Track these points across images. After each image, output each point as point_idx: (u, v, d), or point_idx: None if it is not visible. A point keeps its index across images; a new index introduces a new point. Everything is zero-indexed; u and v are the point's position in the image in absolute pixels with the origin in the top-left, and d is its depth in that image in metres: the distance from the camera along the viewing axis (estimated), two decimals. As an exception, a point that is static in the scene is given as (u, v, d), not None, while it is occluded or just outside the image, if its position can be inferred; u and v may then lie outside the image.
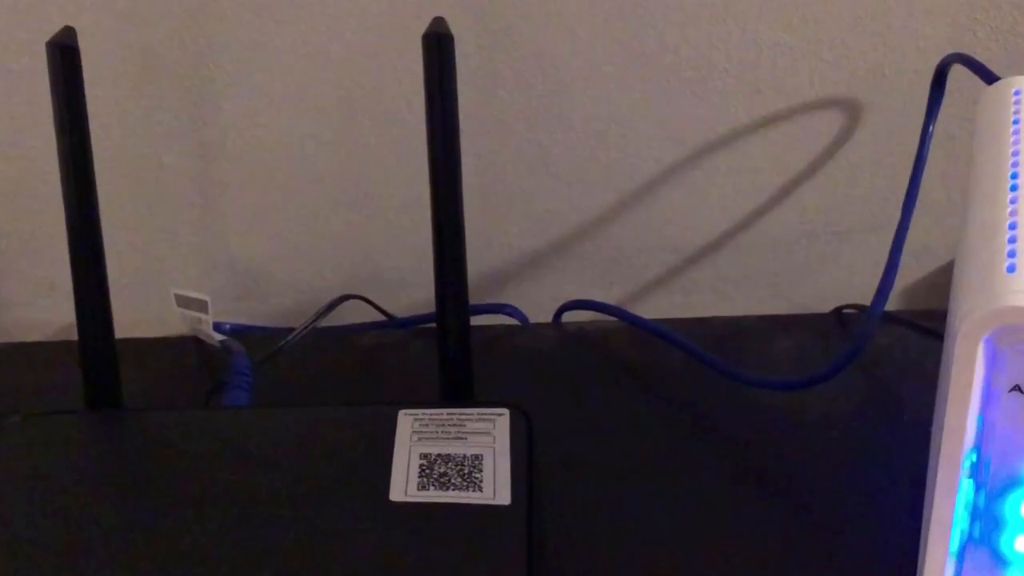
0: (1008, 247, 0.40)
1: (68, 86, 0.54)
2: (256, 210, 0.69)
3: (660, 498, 0.57)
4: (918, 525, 0.48)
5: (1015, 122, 0.47)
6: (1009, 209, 0.42)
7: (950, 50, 0.61)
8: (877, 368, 0.64)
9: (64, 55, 0.54)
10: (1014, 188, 0.43)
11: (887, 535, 0.54)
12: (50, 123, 0.55)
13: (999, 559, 0.42)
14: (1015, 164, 0.44)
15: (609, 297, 0.71)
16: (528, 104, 0.67)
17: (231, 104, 0.67)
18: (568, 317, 0.70)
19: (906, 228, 0.61)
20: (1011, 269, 0.39)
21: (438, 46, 0.53)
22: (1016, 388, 0.39)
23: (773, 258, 0.71)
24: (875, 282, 0.60)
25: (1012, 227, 0.41)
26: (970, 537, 0.42)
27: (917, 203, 0.62)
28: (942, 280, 0.70)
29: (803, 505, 0.56)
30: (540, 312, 0.70)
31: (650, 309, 0.70)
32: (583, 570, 0.53)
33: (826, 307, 0.69)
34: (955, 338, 0.38)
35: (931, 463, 0.46)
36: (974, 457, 0.41)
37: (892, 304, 0.70)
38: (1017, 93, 0.48)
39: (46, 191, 0.64)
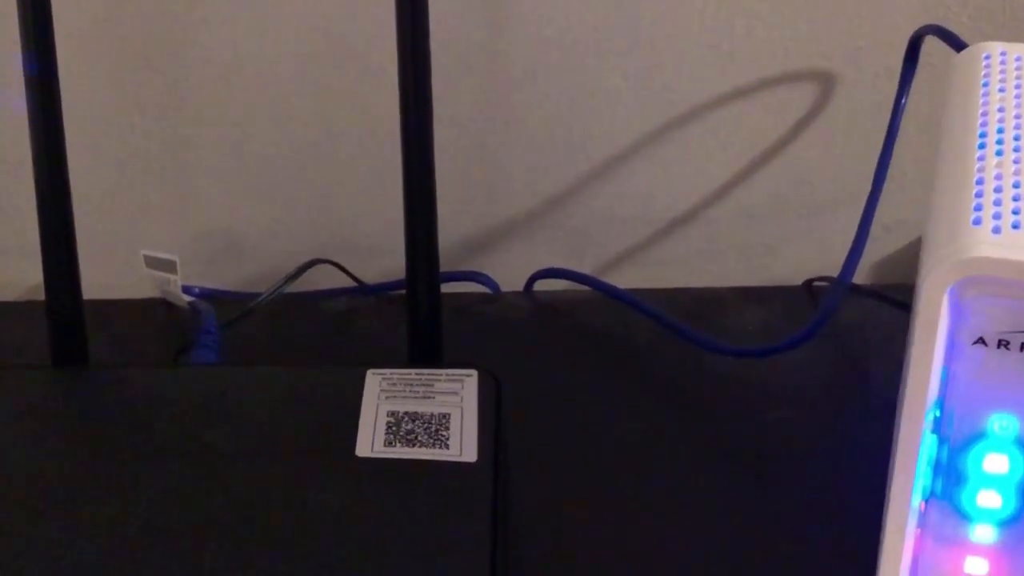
0: (975, 201, 0.40)
1: (39, 37, 0.54)
2: (227, 173, 0.69)
3: (627, 462, 0.57)
4: (882, 488, 0.48)
5: (984, 84, 0.47)
6: (977, 166, 0.42)
7: (924, 22, 0.61)
8: (846, 339, 0.64)
9: (35, 2, 0.53)
10: (982, 146, 0.43)
11: (852, 497, 0.54)
12: (18, 80, 0.55)
13: (961, 514, 0.42)
14: (983, 124, 0.44)
15: (581, 267, 0.70)
16: (503, 72, 0.67)
17: (204, 65, 0.66)
18: (539, 286, 0.70)
19: (876, 201, 0.62)
20: (977, 222, 0.39)
21: (411, 1, 0.53)
22: (980, 340, 0.39)
23: (745, 230, 0.71)
24: (845, 255, 0.61)
25: (979, 182, 0.41)
26: (932, 492, 0.42)
27: (888, 177, 0.62)
28: (912, 255, 0.70)
29: (768, 468, 0.57)
30: (511, 281, 0.70)
31: (621, 280, 0.70)
32: (548, 527, 0.53)
33: (797, 280, 0.69)
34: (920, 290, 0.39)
35: (897, 422, 0.46)
36: (938, 412, 0.41)
37: (862, 278, 0.70)
38: (987, 57, 0.49)
39: (14, 149, 0.63)
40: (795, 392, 0.61)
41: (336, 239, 0.70)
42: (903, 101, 0.62)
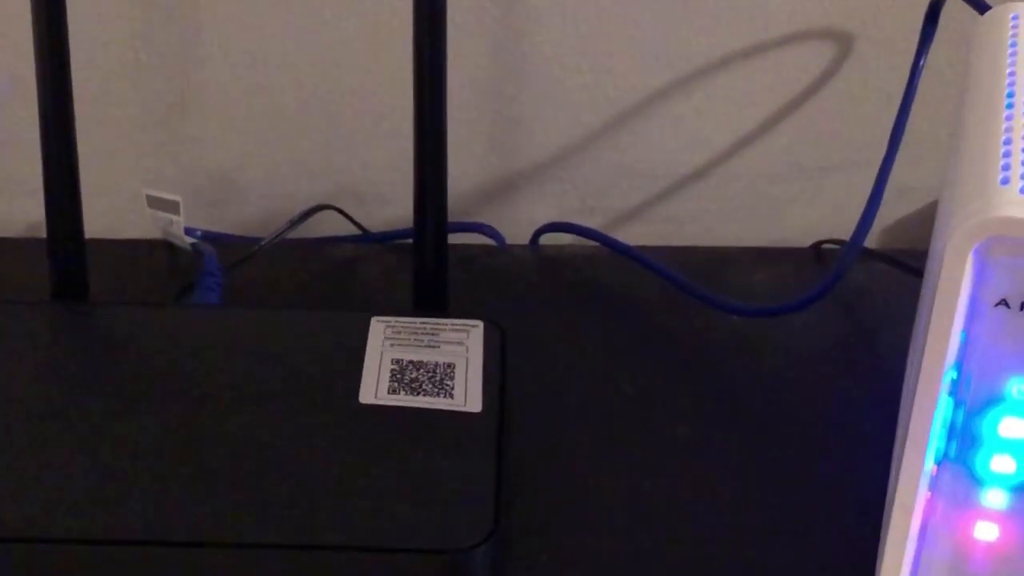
0: (1002, 160, 0.39)
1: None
2: (233, 115, 0.68)
3: (630, 415, 0.57)
4: (889, 451, 0.48)
5: (1012, 44, 0.46)
6: (1004, 126, 0.41)
7: (946, -17, 0.61)
8: (855, 301, 0.64)
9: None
10: (1010, 106, 0.42)
11: (859, 460, 0.54)
12: (23, 15, 0.54)
13: (974, 478, 0.41)
14: (1011, 84, 0.44)
15: (589, 222, 0.70)
16: (517, 23, 0.66)
17: (212, 5, 0.65)
18: (546, 240, 0.69)
19: (891, 164, 0.61)
20: (1005, 181, 0.38)
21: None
22: (1003, 302, 0.38)
23: (756, 190, 0.70)
24: (857, 219, 0.60)
25: (1007, 142, 0.40)
26: (946, 456, 0.41)
27: (903, 141, 0.61)
28: (924, 219, 0.70)
29: (772, 427, 0.56)
30: (518, 234, 0.70)
31: (629, 236, 0.69)
32: (552, 478, 0.53)
33: (805, 241, 0.69)
34: (943, 249, 0.38)
35: (907, 384, 0.46)
36: (955, 374, 0.40)
37: (873, 242, 0.70)
38: (1015, 17, 0.48)
39: (19, 86, 0.63)
40: (802, 353, 0.60)
41: (341, 186, 0.70)
42: (921, 63, 0.61)
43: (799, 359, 0.60)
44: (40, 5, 0.54)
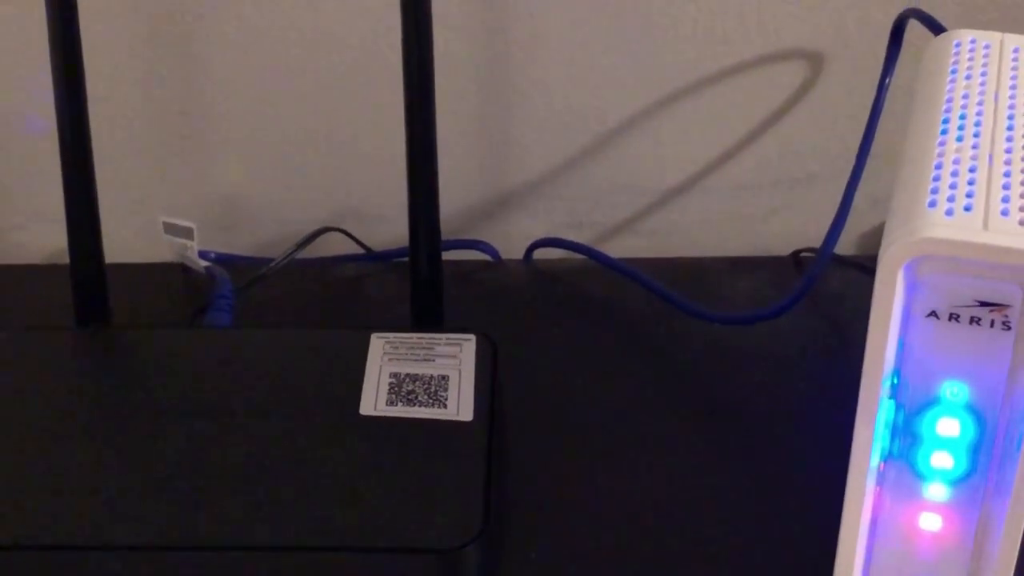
0: (932, 184, 0.42)
1: (62, 7, 0.56)
2: (243, 144, 0.71)
3: (619, 424, 0.59)
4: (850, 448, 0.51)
5: (952, 71, 0.49)
6: (937, 150, 0.44)
7: (910, 6, 0.64)
8: (828, 308, 0.67)
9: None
10: (944, 132, 0.45)
11: (824, 456, 0.56)
12: (43, 49, 0.57)
13: (916, 474, 0.44)
14: (947, 110, 0.46)
15: (579, 237, 0.73)
16: (504, 47, 0.69)
17: (222, 38, 0.68)
18: (539, 255, 0.72)
19: (859, 176, 0.64)
20: (932, 204, 0.41)
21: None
22: (932, 314, 0.42)
23: (737, 202, 0.73)
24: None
25: (938, 167, 0.43)
26: (890, 453, 0.45)
27: (874, 153, 0.64)
28: (897, 227, 0.73)
29: (748, 428, 0.59)
30: (512, 249, 0.72)
31: (617, 249, 0.72)
32: (541, 482, 0.56)
33: (785, 250, 0.71)
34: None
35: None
36: (895, 379, 0.44)
37: (850, 249, 0.72)
38: (958, 44, 0.51)
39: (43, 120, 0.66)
40: (777, 358, 0.63)
41: (345, 208, 0.72)
42: (887, 80, 0.64)
43: (777, 364, 0.63)
44: (57, 43, 0.57)
